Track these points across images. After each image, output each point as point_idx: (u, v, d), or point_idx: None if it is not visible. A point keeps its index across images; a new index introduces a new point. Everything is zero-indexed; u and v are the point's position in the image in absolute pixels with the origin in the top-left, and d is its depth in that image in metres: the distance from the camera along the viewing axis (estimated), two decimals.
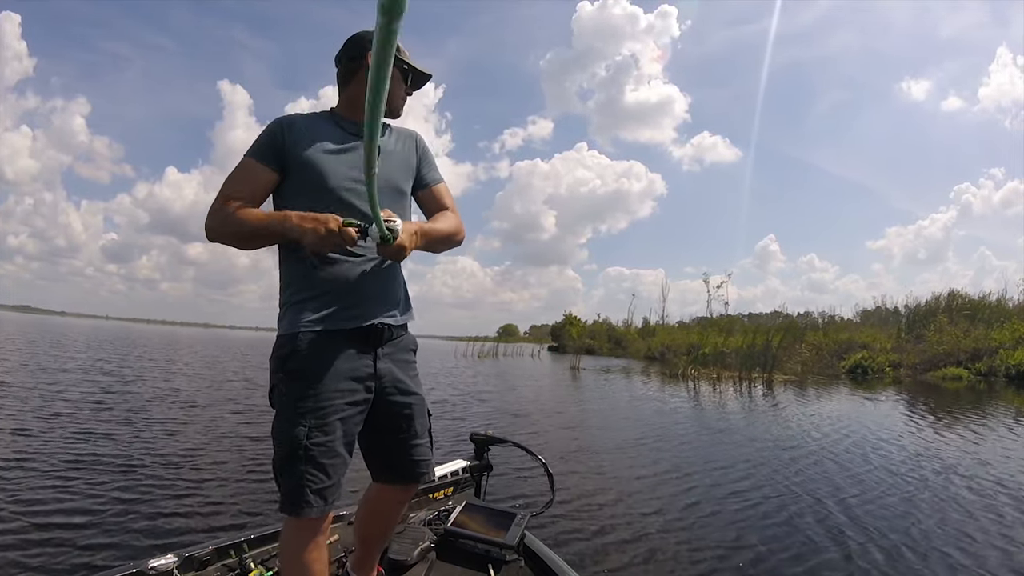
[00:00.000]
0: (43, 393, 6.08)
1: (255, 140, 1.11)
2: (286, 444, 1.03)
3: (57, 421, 4.58)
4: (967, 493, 3.50)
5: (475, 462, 2.01)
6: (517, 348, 32.23)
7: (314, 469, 1.01)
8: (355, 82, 1.14)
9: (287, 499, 1.02)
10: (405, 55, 1.16)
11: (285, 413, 1.05)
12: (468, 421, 5.98)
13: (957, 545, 2.58)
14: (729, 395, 10.20)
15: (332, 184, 1.08)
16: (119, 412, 5.24)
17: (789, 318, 20.01)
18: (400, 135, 1.23)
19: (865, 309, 24.45)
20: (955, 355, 14.59)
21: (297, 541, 1.04)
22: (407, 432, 1.17)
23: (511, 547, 1.53)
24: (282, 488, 1.03)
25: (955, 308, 17.09)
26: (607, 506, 3.11)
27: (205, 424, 5.02)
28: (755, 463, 4.32)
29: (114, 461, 3.48)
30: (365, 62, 1.11)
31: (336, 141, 1.11)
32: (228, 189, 1.07)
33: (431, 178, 1.26)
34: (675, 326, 26.54)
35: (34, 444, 3.75)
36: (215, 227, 1.05)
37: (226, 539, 1.50)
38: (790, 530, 2.79)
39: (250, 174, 1.08)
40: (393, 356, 1.15)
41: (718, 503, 3.24)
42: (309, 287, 1.07)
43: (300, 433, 1.02)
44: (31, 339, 17.94)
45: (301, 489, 1.01)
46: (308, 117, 1.14)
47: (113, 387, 7.13)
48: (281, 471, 1.04)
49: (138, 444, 3.99)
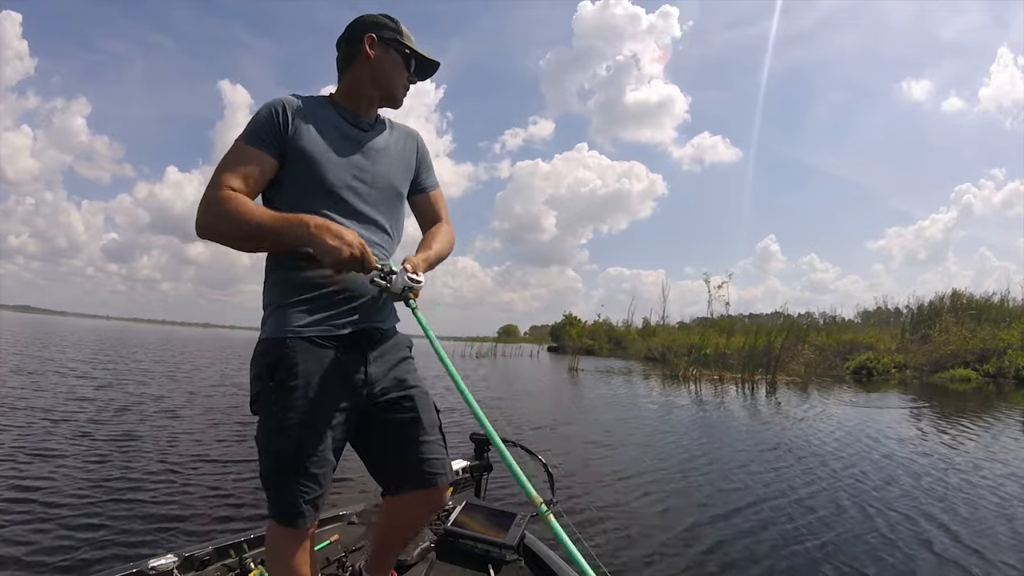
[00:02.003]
0: (43, 393, 6.10)
1: (251, 123, 0.99)
2: (276, 455, 0.97)
3: (57, 421, 4.59)
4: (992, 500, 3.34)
5: (475, 462, 2.00)
6: (516, 348, 32.13)
7: (306, 480, 0.97)
8: (353, 68, 1.08)
9: (281, 511, 0.99)
10: (408, 40, 1.09)
11: (273, 423, 0.98)
12: (468, 421, 5.97)
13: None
14: (732, 397, 10.09)
15: (331, 179, 1.01)
16: (119, 412, 5.25)
17: (790, 319, 19.94)
18: (401, 133, 1.17)
19: (866, 309, 24.43)
20: (962, 356, 14.41)
21: (287, 549, 1.01)
22: (413, 429, 1.09)
23: (511, 547, 1.53)
24: (273, 499, 1.00)
25: (960, 308, 16.95)
26: (607, 506, 3.10)
27: (205, 424, 5.02)
28: (761, 468, 4.28)
29: (114, 461, 3.48)
30: (362, 46, 1.05)
31: (337, 131, 1.04)
32: (223, 179, 0.93)
33: (428, 183, 1.21)
34: (676, 327, 26.47)
35: (34, 444, 3.76)
36: (210, 223, 0.92)
37: (226, 539, 1.50)
38: (799, 535, 2.77)
39: (248, 162, 0.96)
40: (385, 357, 1.08)
41: (721, 505, 3.23)
42: (297, 290, 1.00)
43: (290, 444, 0.96)
44: (32, 339, 17.99)
45: (295, 501, 0.97)
46: (307, 101, 1.04)
47: (113, 387, 7.13)
48: (272, 482, 0.99)
49: (138, 444, 3.99)
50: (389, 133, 1.14)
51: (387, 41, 1.07)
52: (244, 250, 0.98)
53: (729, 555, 2.46)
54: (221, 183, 0.93)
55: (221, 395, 7.26)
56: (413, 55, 1.10)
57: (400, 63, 1.09)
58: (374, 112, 1.13)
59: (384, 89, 1.09)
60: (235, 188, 0.94)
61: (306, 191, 1.00)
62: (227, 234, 0.93)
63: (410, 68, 1.11)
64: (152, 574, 1.28)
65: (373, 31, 1.06)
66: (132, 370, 9.75)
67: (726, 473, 4.04)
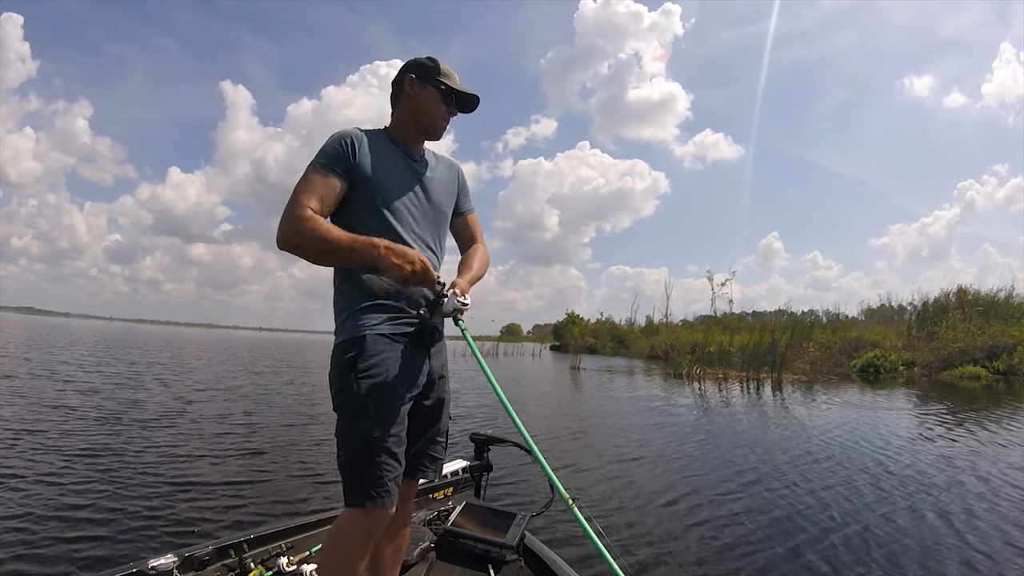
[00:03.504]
0: (43, 393, 6.15)
1: (322, 151, 1.12)
2: (363, 437, 1.06)
3: (57, 421, 4.63)
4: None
5: (475, 462, 2.00)
6: (518, 348, 32.03)
7: (390, 458, 1.06)
8: (399, 104, 1.23)
9: (367, 493, 1.04)
10: (446, 77, 1.21)
11: (360, 409, 1.07)
12: (468, 421, 5.98)
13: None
14: (737, 396, 9.98)
15: (391, 202, 1.15)
16: (119, 412, 5.29)
17: (793, 316, 19.79)
18: (444, 164, 1.32)
19: (870, 307, 24.24)
20: (971, 353, 14.22)
21: (363, 534, 1.07)
22: (435, 426, 1.23)
23: (511, 547, 1.52)
24: (358, 482, 1.05)
25: (967, 304, 16.76)
26: (608, 506, 3.10)
27: (206, 424, 5.05)
28: (763, 469, 4.25)
29: (114, 461, 3.50)
30: (404, 86, 1.21)
31: (394, 160, 1.19)
32: (304, 200, 1.06)
33: (466, 207, 1.38)
34: (679, 325, 26.38)
35: (35, 444, 3.79)
36: (294, 241, 1.04)
37: (226, 539, 1.51)
38: (801, 536, 2.75)
39: (324, 185, 1.08)
40: (440, 355, 1.24)
41: (724, 507, 3.21)
42: (366, 297, 1.11)
43: (376, 426, 1.06)
44: (36, 340, 18.15)
45: (382, 480, 1.05)
46: (370, 133, 1.19)
47: (114, 387, 7.19)
48: (357, 465, 1.06)
49: (138, 444, 4.02)
50: (436, 164, 1.29)
51: (424, 79, 1.21)
52: (320, 264, 1.10)
53: (729, 555, 2.44)
54: (301, 203, 1.05)
55: (221, 395, 7.29)
56: (450, 91, 1.21)
57: (437, 98, 1.21)
58: (421, 145, 1.28)
59: (422, 123, 1.23)
60: (313, 209, 1.06)
61: (370, 212, 1.14)
62: (307, 250, 1.06)
63: (448, 103, 1.22)
64: (152, 574, 1.28)
65: (413, 72, 1.21)
66: (133, 371, 9.80)
67: (725, 473, 4.01)
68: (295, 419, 5.78)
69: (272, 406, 6.61)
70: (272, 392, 8.15)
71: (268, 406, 6.58)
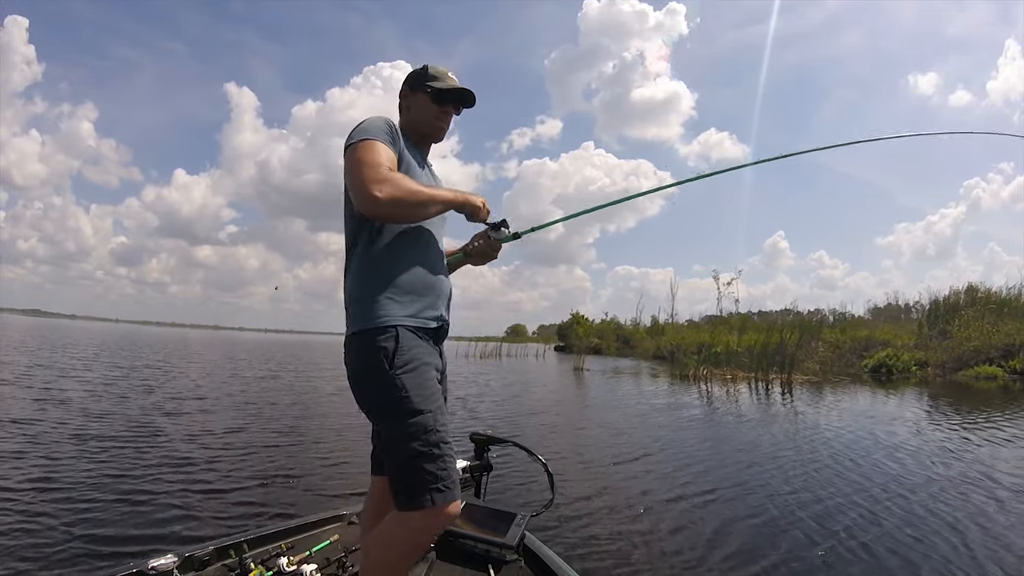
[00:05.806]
0: (44, 393, 6.20)
1: (375, 128, 1.12)
2: (423, 433, 1.04)
3: (57, 421, 4.66)
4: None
5: (475, 462, 1.99)
6: (522, 348, 31.87)
7: (448, 450, 1.07)
8: (401, 114, 1.30)
9: (436, 487, 1.02)
10: (433, 78, 1.24)
11: (410, 406, 1.05)
12: (468, 421, 5.97)
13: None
14: (745, 398, 9.78)
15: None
16: (119, 412, 5.32)
17: (800, 316, 19.55)
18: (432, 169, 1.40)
19: (876, 306, 23.89)
20: (986, 352, 13.87)
21: (429, 534, 1.09)
22: None
23: (511, 547, 1.51)
24: (422, 481, 1.02)
25: (979, 302, 16.42)
26: (608, 506, 3.08)
27: (206, 425, 5.07)
28: (765, 470, 4.19)
29: (114, 461, 3.52)
30: (400, 99, 1.30)
31: (416, 159, 1.24)
32: (383, 163, 1.07)
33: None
34: (685, 324, 26.17)
35: (35, 444, 3.81)
36: (398, 196, 1.04)
37: (226, 539, 1.51)
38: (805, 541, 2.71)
39: (387, 153, 1.10)
40: (444, 353, 1.28)
41: (727, 508, 3.18)
42: (395, 286, 1.13)
43: (430, 420, 1.06)
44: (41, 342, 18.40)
45: (446, 470, 1.04)
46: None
47: (114, 387, 7.24)
48: (423, 462, 1.03)
49: (139, 444, 4.04)
50: (434, 170, 1.37)
51: (415, 87, 1.27)
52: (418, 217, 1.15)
53: (731, 555, 2.41)
54: (382, 166, 1.06)
55: (221, 395, 7.32)
56: (436, 91, 1.24)
57: (427, 101, 1.25)
58: (427, 152, 1.34)
59: (422, 129, 1.28)
60: (395, 170, 1.10)
61: None
62: (412, 204, 1.09)
63: (439, 101, 1.25)
64: (152, 574, 1.28)
65: (406, 83, 1.30)
66: (133, 371, 9.86)
67: (726, 473, 3.96)
68: (295, 419, 5.79)
69: (272, 406, 6.64)
70: (272, 392, 8.18)
71: (268, 406, 6.60)
